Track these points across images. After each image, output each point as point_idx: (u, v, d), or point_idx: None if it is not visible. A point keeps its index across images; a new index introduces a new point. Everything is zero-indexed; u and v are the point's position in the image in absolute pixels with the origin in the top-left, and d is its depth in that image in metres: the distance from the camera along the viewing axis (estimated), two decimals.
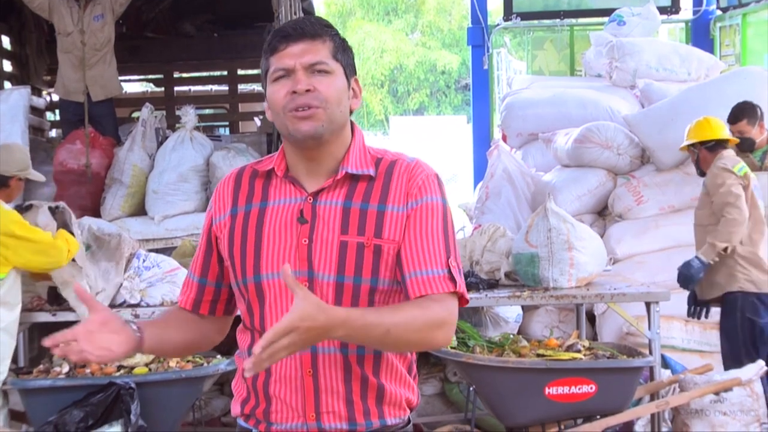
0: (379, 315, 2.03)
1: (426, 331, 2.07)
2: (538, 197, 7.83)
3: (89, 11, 7.38)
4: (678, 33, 10.85)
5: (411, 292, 2.11)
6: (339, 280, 2.10)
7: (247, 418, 2.22)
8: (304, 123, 2.10)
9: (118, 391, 4.38)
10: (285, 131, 2.15)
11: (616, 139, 7.46)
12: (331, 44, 2.14)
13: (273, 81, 2.13)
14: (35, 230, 5.00)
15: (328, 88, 2.11)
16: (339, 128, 2.16)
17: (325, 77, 2.12)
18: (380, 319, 2.01)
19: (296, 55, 2.11)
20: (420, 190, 2.16)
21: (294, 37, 2.12)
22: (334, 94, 2.12)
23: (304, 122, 2.10)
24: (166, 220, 6.75)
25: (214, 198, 2.28)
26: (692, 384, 5.26)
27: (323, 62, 2.12)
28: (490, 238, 5.77)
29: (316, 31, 2.13)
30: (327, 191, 2.16)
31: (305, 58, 2.10)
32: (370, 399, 2.16)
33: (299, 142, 2.13)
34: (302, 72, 2.10)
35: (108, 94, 7.57)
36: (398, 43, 27.29)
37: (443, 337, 2.11)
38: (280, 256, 2.13)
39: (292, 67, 2.10)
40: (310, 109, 2.09)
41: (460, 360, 4.74)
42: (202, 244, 2.30)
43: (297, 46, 2.11)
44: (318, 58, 2.11)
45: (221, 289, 2.30)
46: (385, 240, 2.12)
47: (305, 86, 2.09)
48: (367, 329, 1.99)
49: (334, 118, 2.13)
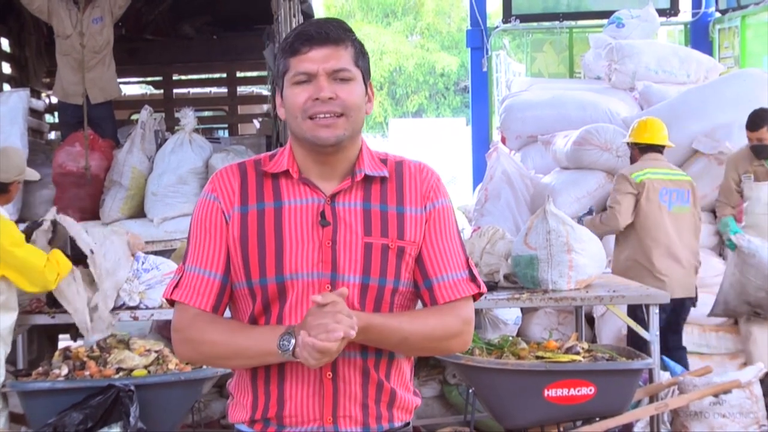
0: (399, 322, 2.10)
1: (442, 341, 2.17)
2: (537, 199, 7.83)
3: (88, 14, 7.38)
4: (677, 35, 10.85)
5: (439, 297, 2.17)
6: (365, 281, 2.11)
7: (253, 423, 2.18)
8: (325, 131, 2.09)
9: (117, 393, 4.37)
10: (302, 136, 2.13)
11: (615, 141, 7.46)
12: (353, 50, 2.13)
13: (293, 84, 2.11)
14: (27, 248, 4.90)
15: (350, 96, 2.10)
16: (357, 133, 2.16)
17: (347, 84, 2.11)
18: (400, 326, 2.09)
19: (319, 61, 2.09)
20: (435, 194, 2.20)
21: (318, 40, 2.09)
22: (355, 101, 2.12)
23: (324, 130, 2.09)
24: (165, 223, 6.75)
25: (218, 191, 2.18)
26: (691, 386, 5.25)
27: (346, 69, 2.11)
28: (489, 240, 5.76)
29: (340, 36, 2.11)
30: (344, 193, 2.15)
31: (329, 64, 2.09)
32: (383, 403, 2.17)
33: (317, 148, 2.12)
34: (325, 78, 2.09)
35: (107, 96, 7.56)
36: (397, 45, 27.33)
37: (459, 345, 2.22)
38: (303, 257, 2.11)
39: (315, 72, 2.09)
40: (332, 118, 2.09)
41: (460, 362, 4.74)
42: (219, 237, 2.16)
43: (321, 51, 2.09)
44: (341, 64, 2.10)
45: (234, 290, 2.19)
46: (407, 242, 2.15)
47: (329, 94, 2.08)
48: (387, 335, 2.08)
49: (355, 125, 2.13)
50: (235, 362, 2.15)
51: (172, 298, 2.20)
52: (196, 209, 2.21)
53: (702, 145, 7.17)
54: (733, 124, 7.04)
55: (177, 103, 10.03)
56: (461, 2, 26.69)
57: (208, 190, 2.19)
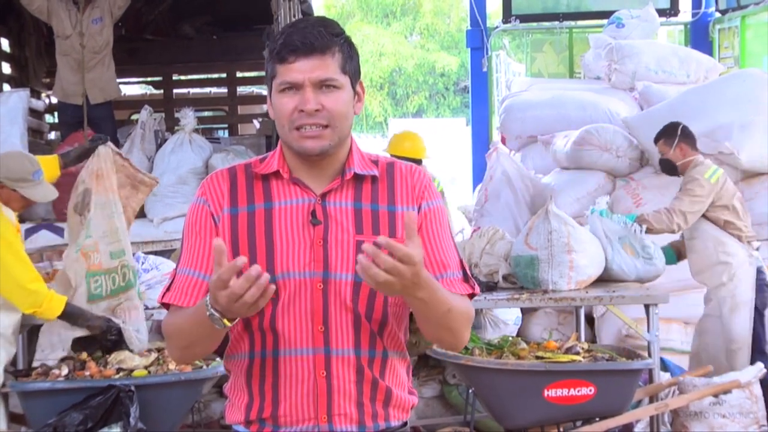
0: (446, 294, 2.10)
1: (466, 322, 2.19)
2: (537, 200, 7.83)
3: (88, 14, 7.39)
4: (677, 35, 10.85)
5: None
6: (357, 279, 2.10)
7: (249, 424, 2.18)
8: (311, 142, 2.10)
9: (117, 393, 4.37)
10: (288, 144, 2.15)
11: (615, 142, 7.46)
12: (340, 56, 2.12)
13: (279, 92, 2.12)
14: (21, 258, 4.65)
15: (336, 104, 2.10)
16: (345, 138, 2.16)
17: (333, 92, 2.11)
18: (446, 298, 2.09)
19: (306, 71, 2.08)
20: (428, 194, 2.21)
21: (303, 51, 2.08)
22: (342, 109, 2.12)
23: (310, 141, 2.10)
24: (165, 223, 6.75)
25: (207, 194, 2.19)
26: (691, 386, 5.26)
27: (332, 78, 2.10)
28: (488, 240, 5.77)
29: (326, 44, 2.10)
30: (335, 192, 2.16)
31: (314, 74, 2.08)
32: (379, 402, 2.17)
33: (303, 156, 2.14)
34: (310, 89, 2.08)
35: (107, 97, 7.57)
36: (397, 45, 27.34)
37: (466, 338, 2.23)
38: (294, 257, 2.12)
39: (300, 82, 2.09)
40: (318, 129, 2.09)
41: (459, 362, 4.74)
42: (208, 239, 2.16)
43: (307, 62, 2.08)
44: (327, 74, 2.09)
45: None
46: (399, 240, 2.13)
47: (314, 106, 2.08)
48: (439, 302, 2.06)
49: (342, 133, 2.13)
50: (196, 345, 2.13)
51: (163, 301, 2.20)
52: (187, 214, 2.23)
53: (702, 146, 7.15)
54: (733, 124, 7.04)
55: (177, 103, 10.03)
56: (461, 2, 26.70)
57: (198, 194, 2.21)
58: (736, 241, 5.87)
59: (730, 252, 5.85)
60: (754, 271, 5.89)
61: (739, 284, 5.85)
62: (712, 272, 5.90)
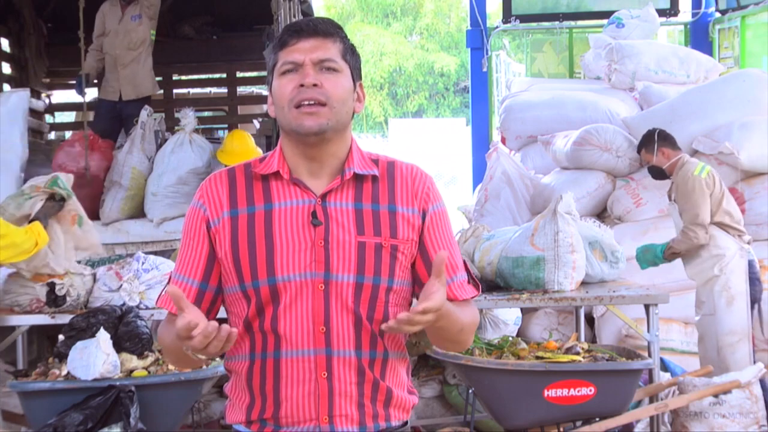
0: (459, 314, 2.16)
1: (473, 331, 2.28)
2: (537, 199, 7.84)
3: (129, 11, 7.52)
4: (677, 35, 10.86)
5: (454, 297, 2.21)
6: (359, 280, 2.11)
7: (250, 424, 2.18)
8: (309, 118, 2.11)
9: (117, 393, 4.37)
10: (288, 126, 2.14)
11: (615, 142, 7.46)
12: (341, 45, 2.17)
13: (280, 75, 2.14)
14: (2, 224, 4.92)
15: (334, 86, 2.13)
16: (342, 128, 2.16)
17: (333, 75, 2.13)
18: (459, 319, 2.16)
19: (306, 51, 2.12)
20: (432, 196, 2.22)
21: (306, 32, 2.14)
22: (340, 92, 2.13)
23: (308, 117, 2.11)
24: (165, 223, 6.76)
25: (205, 198, 2.20)
26: (691, 386, 5.26)
27: (332, 60, 2.14)
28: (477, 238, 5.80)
29: (328, 30, 2.16)
30: (335, 192, 2.16)
31: (315, 54, 2.12)
32: (379, 402, 2.18)
33: (302, 137, 2.13)
34: (311, 67, 2.12)
35: (138, 94, 7.63)
36: (397, 45, 27.33)
37: (472, 339, 2.34)
38: (295, 258, 2.12)
39: (301, 61, 2.12)
40: (316, 106, 2.10)
41: (459, 362, 4.74)
42: (199, 246, 2.18)
43: (308, 42, 2.13)
44: (328, 55, 2.13)
45: (218, 296, 2.22)
46: (401, 240, 2.16)
47: (312, 80, 2.11)
48: (453, 325, 2.15)
49: (339, 117, 2.14)
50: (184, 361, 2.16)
51: (157, 305, 2.27)
52: (186, 216, 2.25)
53: (702, 146, 7.17)
54: (733, 124, 7.05)
55: (177, 103, 10.04)
56: (461, 2, 26.71)
57: (197, 197, 2.22)
58: (726, 233, 5.90)
59: (720, 245, 5.88)
60: (746, 263, 5.91)
61: (731, 276, 5.86)
62: (704, 265, 5.91)
